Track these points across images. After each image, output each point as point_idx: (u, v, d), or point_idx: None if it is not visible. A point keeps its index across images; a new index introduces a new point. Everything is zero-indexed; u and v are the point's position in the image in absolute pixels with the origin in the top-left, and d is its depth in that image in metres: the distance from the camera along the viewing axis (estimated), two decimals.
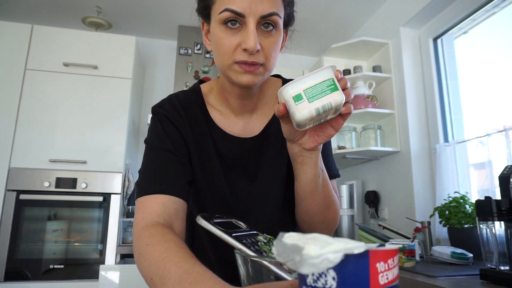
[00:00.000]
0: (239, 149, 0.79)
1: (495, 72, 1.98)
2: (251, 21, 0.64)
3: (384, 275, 0.30)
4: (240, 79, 0.67)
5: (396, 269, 0.30)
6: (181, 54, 2.89)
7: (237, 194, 0.79)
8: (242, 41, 0.65)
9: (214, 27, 0.68)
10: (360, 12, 2.72)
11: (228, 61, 0.67)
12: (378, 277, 0.29)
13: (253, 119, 0.81)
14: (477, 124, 2.05)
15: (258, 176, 0.79)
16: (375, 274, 0.29)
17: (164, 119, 0.77)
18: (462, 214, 1.73)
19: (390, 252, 0.30)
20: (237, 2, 0.64)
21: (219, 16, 0.66)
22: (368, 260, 0.29)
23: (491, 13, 1.96)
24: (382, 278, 0.29)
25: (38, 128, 2.29)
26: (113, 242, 2.22)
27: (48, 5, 2.69)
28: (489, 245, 1.14)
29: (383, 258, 0.30)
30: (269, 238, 0.54)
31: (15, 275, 2.07)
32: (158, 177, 0.69)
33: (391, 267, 0.30)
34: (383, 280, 0.29)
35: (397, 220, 2.28)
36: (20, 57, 2.35)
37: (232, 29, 0.66)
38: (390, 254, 0.30)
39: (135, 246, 0.62)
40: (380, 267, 0.29)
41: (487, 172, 1.82)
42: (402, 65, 2.33)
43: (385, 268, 0.30)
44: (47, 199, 2.21)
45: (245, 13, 0.64)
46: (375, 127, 2.42)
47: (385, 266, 0.30)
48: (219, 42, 0.67)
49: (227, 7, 0.64)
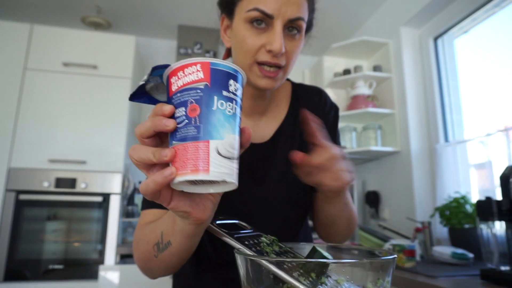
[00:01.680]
0: (247, 154, 0.78)
1: (496, 72, 1.98)
2: (278, 24, 0.64)
3: (175, 83, 0.40)
4: (259, 82, 0.68)
5: (189, 77, 0.40)
6: (181, 54, 2.89)
7: (242, 197, 0.78)
8: (268, 42, 0.64)
9: (238, 25, 0.67)
10: (360, 12, 2.71)
11: (250, 60, 0.66)
12: (171, 86, 0.41)
13: (262, 121, 0.80)
14: (477, 124, 2.04)
15: (265, 180, 0.78)
16: (170, 85, 0.41)
17: None
18: (463, 214, 1.72)
19: (178, 68, 0.40)
20: (268, 2, 0.63)
21: (247, 14, 0.65)
22: (167, 78, 0.42)
23: (492, 13, 1.96)
24: (173, 86, 0.41)
25: (37, 128, 2.28)
26: (113, 242, 2.22)
27: (47, 5, 2.69)
28: (489, 245, 1.14)
29: (174, 73, 0.41)
30: (273, 239, 0.54)
31: (15, 275, 2.07)
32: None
33: (181, 77, 0.40)
34: (174, 88, 0.41)
35: (397, 220, 2.27)
36: (20, 57, 2.35)
37: (258, 28, 0.65)
38: (178, 69, 0.40)
39: (134, 249, 0.66)
40: (172, 80, 0.41)
41: (487, 172, 1.82)
42: (402, 65, 2.33)
43: (175, 80, 0.40)
44: (46, 199, 2.20)
45: (274, 14, 0.64)
46: (375, 127, 2.42)
47: (175, 78, 0.40)
48: (243, 41, 0.66)
49: (257, 7, 0.64)
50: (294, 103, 0.83)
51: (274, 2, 0.63)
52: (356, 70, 2.51)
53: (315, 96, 0.85)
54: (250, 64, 0.67)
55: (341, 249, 0.54)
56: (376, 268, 0.39)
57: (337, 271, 0.39)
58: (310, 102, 0.84)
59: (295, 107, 0.83)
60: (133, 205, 2.46)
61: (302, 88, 0.86)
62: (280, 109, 0.82)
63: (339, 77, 2.53)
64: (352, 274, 0.38)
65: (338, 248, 0.54)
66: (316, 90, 0.86)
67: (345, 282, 0.39)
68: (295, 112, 0.83)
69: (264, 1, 0.63)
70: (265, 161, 0.79)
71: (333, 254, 0.48)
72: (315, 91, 0.86)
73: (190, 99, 0.39)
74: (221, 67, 0.40)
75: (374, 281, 0.38)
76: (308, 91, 0.85)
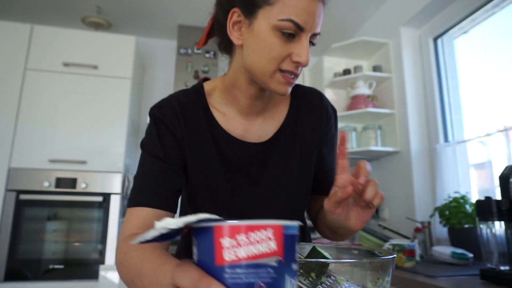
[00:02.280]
0: (244, 153, 0.78)
1: (495, 72, 1.98)
2: (307, 36, 0.66)
3: (232, 252, 0.29)
4: (279, 89, 0.69)
5: (257, 246, 0.29)
6: (181, 54, 2.89)
7: (238, 197, 0.78)
8: (296, 53, 0.66)
9: (265, 29, 0.66)
10: (360, 12, 2.71)
11: (274, 67, 0.67)
12: (222, 252, 0.29)
13: (258, 121, 0.80)
14: (477, 124, 2.04)
15: (262, 181, 0.78)
16: (220, 249, 0.29)
17: (159, 123, 0.76)
18: (462, 214, 1.73)
19: (237, 228, 0.29)
20: (302, 15, 0.64)
21: (279, 23, 0.65)
22: (212, 235, 0.30)
23: (491, 13, 1.96)
24: (228, 254, 0.29)
25: (38, 128, 2.28)
26: (113, 242, 2.22)
27: (47, 5, 2.69)
28: (489, 245, 1.14)
29: (229, 234, 0.29)
30: None
31: (15, 275, 2.07)
32: (144, 187, 0.72)
33: (243, 243, 0.29)
34: (229, 257, 0.29)
35: (397, 220, 2.28)
36: (20, 57, 2.35)
37: (286, 37, 0.66)
38: (238, 230, 0.29)
39: (116, 258, 0.65)
40: (226, 243, 0.29)
41: (487, 172, 1.82)
42: (402, 65, 2.33)
43: (232, 244, 0.29)
44: (47, 199, 2.20)
45: (306, 28, 0.65)
46: (375, 127, 2.42)
47: (232, 242, 0.29)
48: (270, 48, 0.66)
49: (292, 18, 0.64)
50: (294, 104, 0.83)
51: (307, 15, 0.64)
52: (356, 70, 2.51)
53: (315, 99, 0.85)
54: (273, 71, 0.68)
55: (341, 249, 0.54)
56: (376, 267, 0.39)
57: (337, 271, 0.39)
58: (311, 104, 0.84)
59: (295, 108, 0.83)
60: None
61: (301, 89, 0.86)
62: (279, 109, 0.82)
63: (339, 77, 2.53)
64: (352, 274, 0.39)
65: (338, 248, 0.54)
66: (316, 93, 0.87)
67: (345, 282, 0.39)
68: (296, 113, 0.83)
69: (298, 13, 0.64)
70: (262, 162, 0.78)
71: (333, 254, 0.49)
72: (315, 94, 0.86)
73: (257, 281, 0.29)
74: (292, 230, 0.31)
75: (374, 280, 0.39)
76: (307, 93, 0.86)
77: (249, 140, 0.79)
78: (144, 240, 0.31)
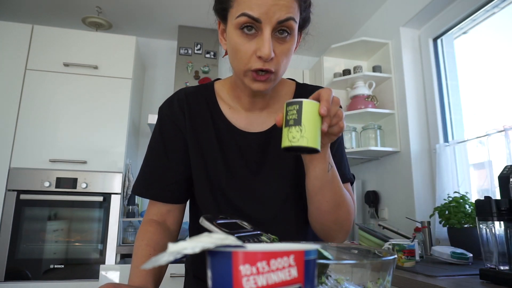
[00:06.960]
0: (244, 141, 0.80)
1: (495, 72, 1.98)
2: (267, 28, 0.65)
3: (251, 279, 0.27)
4: (252, 86, 0.71)
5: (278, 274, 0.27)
6: (181, 54, 2.89)
7: (235, 186, 0.79)
8: (258, 48, 0.66)
9: (231, 31, 0.69)
10: (360, 12, 2.72)
11: (244, 67, 0.69)
12: (241, 280, 0.27)
13: (262, 115, 0.82)
14: (477, 124, 2.05)
15: (261, 172, 0.79)
16: (238, 277, 0.27)
17: (165, 118, 0.82)
18: (462, 214, 1.73)
19: (258, 255, 0.27)
20: (255, 7, 0.64)
21: (236, 20, 0.66)
22: (230, 262, 0.27)
23: (491, 13, 1.96)
24: (247, 282, 0.27)
25: (38, 128, 2.29)
26: (113, 242, 2.22)
27: (48, 5, 2.69)
28: (488, 245, 1.15)
29: (249, 261, 0.27)
30: (273, 238, 0.54)
31: (16, 275, 2.07)
32: (150, 181, 0.82)
33: (264, 271, 0.27)
34: (249, 285, 0.27)
35: (397, 220, 2.28)
36: (21, 57, 2.35)
37: (248, 35, 0.67)
38: (259, 256, 0.27)
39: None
40: (245, 270, 0.27)
41: (487, 172, 1.82)
42: (402, 65, 2.33)
43: (252, 272, 0.27)
44: (47, 199, 2.21)
45: (261, 18, 0.65)
46: (375, 127, 2.42)
47: (252, 269, 0.27)
48: (236, 48, 0.68)
49: (244, 12, 0.65)
50: None
51: (261, 6, 0.64)
52: (355, 71, 2.51)
53: None
54: (245, 71, 0.69)
55: (341, 249, 0.54)
56: (377, 268, 0.39)
57: (337, 271, 0.39)
58: None
59: None
60: (134, 205, 2.46)
61: (306, 87, 0.87)
62: (282, 104, 0.83)
63: (339, 77, 2.54)
64: (352, 274, 0.39)
65: (338, 248, 0.54)
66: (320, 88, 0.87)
67: (345, 282, 0.39)
68: None
69: (251, 6, 0.64)
70: (262, 152, 0.80)
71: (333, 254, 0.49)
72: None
73: None
74: (312, 255, 0.29)
75: (374, 280, 0.39)
76: (312, 92, 0.86)
77: (253, 130, 0.81)
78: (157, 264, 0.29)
